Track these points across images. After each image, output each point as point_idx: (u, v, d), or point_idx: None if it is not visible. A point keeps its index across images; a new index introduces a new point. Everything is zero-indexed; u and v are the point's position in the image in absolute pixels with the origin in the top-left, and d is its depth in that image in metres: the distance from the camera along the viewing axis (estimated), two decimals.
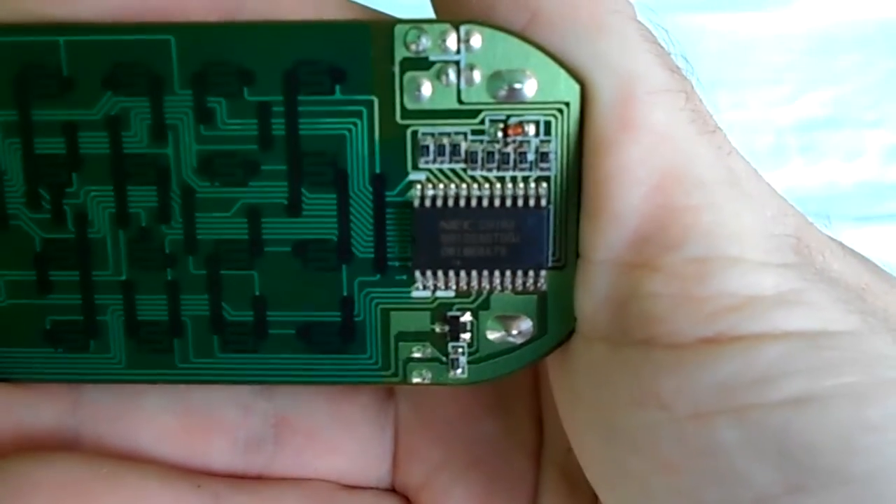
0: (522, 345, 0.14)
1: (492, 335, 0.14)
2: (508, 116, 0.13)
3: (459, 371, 0.14)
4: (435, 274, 0.14)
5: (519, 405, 0.17)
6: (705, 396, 0.12)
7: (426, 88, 0.13)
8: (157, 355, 0.14)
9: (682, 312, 0.12)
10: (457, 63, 0.13)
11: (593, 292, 0.13)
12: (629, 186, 0.12)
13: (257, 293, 0.14)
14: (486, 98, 0.13)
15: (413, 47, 0.13)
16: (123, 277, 0.14)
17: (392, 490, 0.17)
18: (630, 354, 0.12)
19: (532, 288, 0.14)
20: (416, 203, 0.13)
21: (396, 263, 0.14)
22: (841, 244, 0.14)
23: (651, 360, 0.12)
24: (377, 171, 0.13)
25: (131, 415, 0.16)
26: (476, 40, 0.13)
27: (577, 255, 0.13)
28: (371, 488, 0.17)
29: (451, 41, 0.13)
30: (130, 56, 0.13)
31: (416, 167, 0.13)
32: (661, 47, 0.13)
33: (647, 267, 0.12)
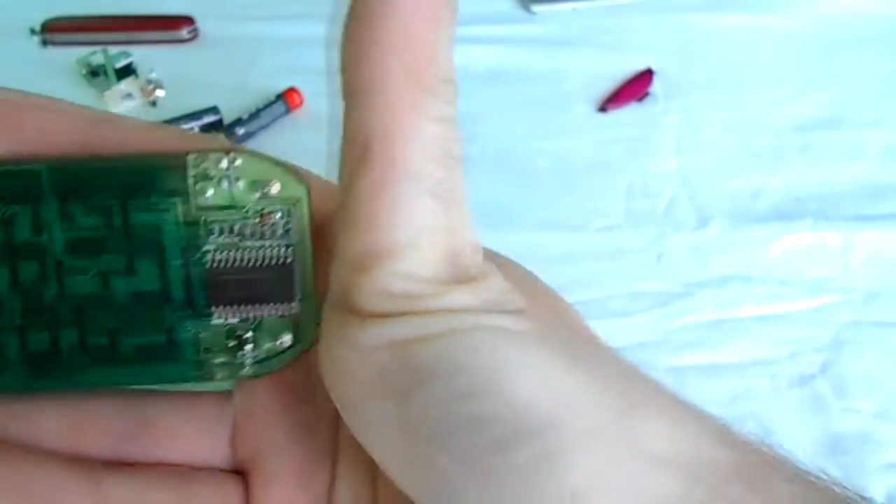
0: (286, 350, 0.22)
1: (266, 345, 0.22)
2: (263, 207, 0.21)
3: (247, 370, 0.22)
4: (226, 308, 0.21)
5: (322, 395, 0.21)
6: (377, 338, 0.18)
7: (210, 192, 0.21)
8: (45, 371, 0.21)
9: (371, 302, 0.18)
10: (228, 176, 0.21)
11: (337, 273, 0.19)
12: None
13: (111, 327, 0.21)
14: (249, 197, 0.21)
15: (201, 167, 0.20)
16: (18, 323, 0.21)
17: (234, 470, 0.22)
18: (341, 312, 0.18)
19: (288, 314, 0.21)
20: (210, 265, 0.21)
21: (202, 302, 0.21)
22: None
23: (348, 320, 0.18)
24: (183, 245, 0.21)
25: (32, 415, 0.21)
26: (240, 161, 0.20)
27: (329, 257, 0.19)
28: (217, 468, 0.22)
29: (224, 162, 0.20)
30: (14, 180, 0.20)
31: (207, 242, 0.21)
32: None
33: (363, 271, 0.18)
